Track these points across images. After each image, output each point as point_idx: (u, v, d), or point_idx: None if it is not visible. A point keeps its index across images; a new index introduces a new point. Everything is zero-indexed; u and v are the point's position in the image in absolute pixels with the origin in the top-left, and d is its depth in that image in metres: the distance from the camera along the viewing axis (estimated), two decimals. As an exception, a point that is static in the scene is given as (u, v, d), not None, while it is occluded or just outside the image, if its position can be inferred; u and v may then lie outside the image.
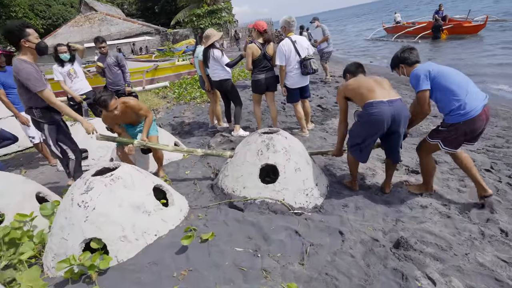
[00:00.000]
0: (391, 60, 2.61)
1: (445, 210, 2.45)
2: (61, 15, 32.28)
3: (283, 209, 2.46)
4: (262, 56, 3.99)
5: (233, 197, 2.62)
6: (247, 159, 2.65)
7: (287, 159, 2.58)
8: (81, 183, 2.14)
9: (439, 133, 2.39)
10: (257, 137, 2.74)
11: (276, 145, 2.62)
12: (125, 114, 3.03)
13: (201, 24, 24.06)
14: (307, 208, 2.51)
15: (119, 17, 26.56)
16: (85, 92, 4.68)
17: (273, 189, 2.52)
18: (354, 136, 2.58)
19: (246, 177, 2.60)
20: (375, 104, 2.32)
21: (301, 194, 2.54)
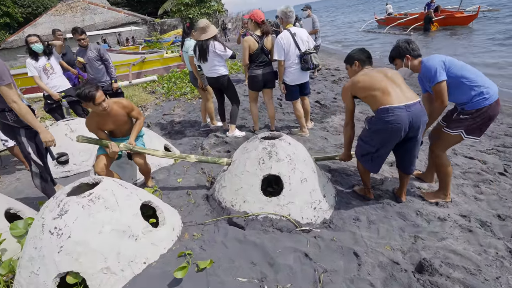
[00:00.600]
0: (393, 50, 2.40)
1: (465, 223, 2.24)
2: (41, 3, 30.58)
3: (289, 226, 2.19)
4: (259, 50, 3.66)
5: (232, 212, 2.33)
6: (247, 169, 2.36)
7: (292, 168, 2.30)
8: (53, 204, 1.81)
9: (461, 121, 2.24)
10: (258, 144, 2.44)
11: (279, 153, 2.33)
12: (116, 117, 2.67)
13: (189, 14, 23.25)
14: (315, 224, 2.26)
15: (104, 6, 25.31)
16: (63, 89, 4.25)
17: (277, 203, 2.23)
18: (365, 144, 2.30)
19: (246, 190, 2.31)
20: (391, 110, 2.04)
21: (308, 208, 2.27)
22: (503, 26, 12.02)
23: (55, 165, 3.77)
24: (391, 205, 2.47)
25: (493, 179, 2.81)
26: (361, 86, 2.22)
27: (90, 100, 2.39)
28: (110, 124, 2.69)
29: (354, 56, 2.42)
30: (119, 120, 2.72)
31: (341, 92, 2.42)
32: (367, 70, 2.32)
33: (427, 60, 2.25)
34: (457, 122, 2.27)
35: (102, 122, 2.65)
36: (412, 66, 2.35)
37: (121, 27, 21.57)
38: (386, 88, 2.11)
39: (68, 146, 3.80)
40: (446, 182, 2.43)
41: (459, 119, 2.26)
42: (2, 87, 2.17)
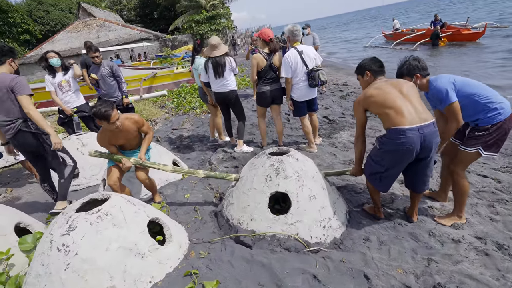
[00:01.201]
0: (402, 67, 2.36)
1: (481, 245, 2.15)
2: (59, 20, 32.06)
3: (298, 245, 2.15)
4: (268, 67, 3.72)
5: (239, 230, 2.30)
6: (254, 186, 2.34)
7: (300, 185, 2.27)
8: (62, 221, 1.82)
9: (477, 138, 2.20)
10: (265, 160, 2.43)
11: (287, 169, 2.31)
12: (127, 132, 2.72)
13: (200, 30, 23.97)
14: (324, 243, 2.20)
15: (118, 23, 26.35)
16: (77, 105, 4.38)
17: (285, 221, 2.20)
18: (374, 164, 2.25)
19: (254, 207, 2.29)
20: (403, 132, 1.97)
21: (317, 226, 2.22)
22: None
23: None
24: (402, 225, 2.40)
25: (508, 199, 2.71)
26: (374, 101, 2.13)
27: (105, 119, 2.46)
28: (121, 139, 2.76)
29: (365, 66, 2.33)
30: (130, 135, 2.78)
31: (353, 105, 2.34)
32: (380, 83, 2.21)
33: (435, 80, 2.22)
34: (473, 139, 2.21)
35: (113, 138, 2.71)
36: (421, 85, 2.33)
37: (134, 43, 22.31)
38: (400, 107, 2.02)
39: (79, 160, 3.85)
40: (463, 202, 2.36)
41: (475, 136, 2.21)
42: (24, 96, 2.61)
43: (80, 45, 23.50)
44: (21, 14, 26.49)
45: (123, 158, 2.70)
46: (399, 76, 2.41)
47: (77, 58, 22.60)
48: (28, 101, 2.64)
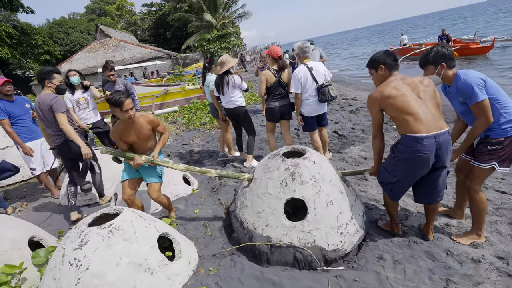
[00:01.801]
0: (429, 54, 2.16)
1: (503, 266, 2.05)
2: (78, 41, 33.79)
3: (313, 259, 2.08)
4: (277, 83, 3.78)
5: (254, 235, 2.25)
6: (269, 191, 2.26)
7: (317, 191, 2.18)
8: (75, 235, 1.85)
9: (491, 153, 2.12)
10: (280, 163, 2.33)
11: (303, 174, 2.21)
12: (139, 129, 2.68)
13: (210, 48, 24.70)
14: (341, 250, 2.12)
15: (132, 43, 27.51)
16: (92, 122, 4.54)
17: (301, 229, 2.12)
18: (388, 174, 2.21)
19: (269, 213, 2.22)
20: (420, 139, 1.94)
21: (334, 233, 2.14)
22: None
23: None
24: (418, 243, 2.31)
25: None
26: (392, 103, 2.02)
27: (118, 106, 2.47)
28: (133, 135, 2.68)
29: (379, 60, 2.17)
30: (142, 133, 2.71)
31: (367, 102, 2.20)
32: (397, 82, 2.09)
33: (465, 74, 2.08)
34: (487, 155, 2.14)
35: (125, 132, 2.65)
36: (445, 76, 2.16)
37: (147, 62, 23.16)
38: (419, 114, 1.96)
39: (92, 175, 3.96)
40: (481, 220, 2.27)
41: (488, 150, 2.13)
42: (59, 114, 3.05)
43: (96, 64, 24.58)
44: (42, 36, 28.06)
45: (134, 156, 2.66)
46: (423, 64, 2.23)
47: (93, 76, 23.59)
48: (62, 118, 3.06)
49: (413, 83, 2.09)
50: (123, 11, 46.42)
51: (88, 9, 48.20)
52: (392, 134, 4.96)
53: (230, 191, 3.51)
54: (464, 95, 2.08)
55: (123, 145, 2.73)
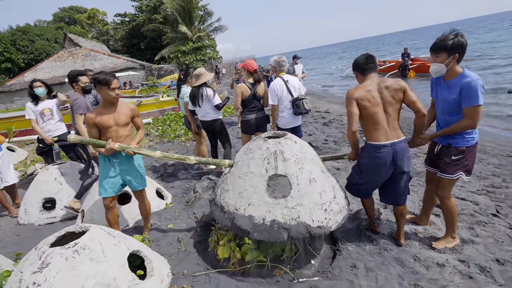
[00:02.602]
0: (447, 40, 2.07)
1: (465, 269, 2.18)
2: (44, 50, 32.07)
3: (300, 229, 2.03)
4: (252, 96, 3.84)
5: (236, 216, 2.15)
6: (251, 170, 2.23)
7: (300, 168, 2.19)
8: (34, 257, 1.71)
9: (457, 163, 2.22)
10: (261, 143, 2.33)
11: (286, 152, 2.23)
12: (119, 114, 2.57)
13: (186, 60, 24.58)
14: (326, 227, 2.08)
15: (104, 52, 26.65)
16: (58, 134, 4.29)
17: (285, 205, 2.08)
18: (355, 175, 2.45)
19: (251, 192, 2.16)
20: (379, 147, 2.20)
21: (318, 209, 2.12)
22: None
23: (40, 210, 3.63)
24: (388, 250, 2.41)
25: (487, 221, 2.80)
26: (366, 108, 2.20)
27: (105, 84, 2.42)
28: (112, 119, 2.53)
29: (354, 65, 2.42)
30: (121, 119, 2.58)
31: (346, 98, 2.31)
32: (371, 86, 2.23)
33: (473, 75, 2.06)
34: (453, 166, 2.23)
35: (104, 115, 2.50)
36: (452, 69, 2.13)
37: (120, 72, 22.49)
38: (381, 125, 2.20)
39: (57, 190, 3.71)
40: (454, 223, 2.41)
41: (452, 161, 2.23)
42: (76, 115, 3.45)
43: (63, 73, 23.42)
44: (3, 43, 26.36)
45: (107, 142, 2.45)
46: (438, 49, 2.13)
47: (60, 86, 22.42)
48: (78, 118, 3.45)
49: (382, 91, 2.22)
50: (95, 20, 45.06)
51: (56, 17, 46.17)
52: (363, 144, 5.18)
53: (206, 204, 3.45)
54: (464, 94, 2.05)
55: (95, 132, 2.53)
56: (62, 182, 3.74)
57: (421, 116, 2.26)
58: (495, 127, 6.79)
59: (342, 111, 8.81)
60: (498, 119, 7.37)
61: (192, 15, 26.01)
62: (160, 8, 31.22)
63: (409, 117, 7.43)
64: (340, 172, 4.22)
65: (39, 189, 3.70)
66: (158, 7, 32.32)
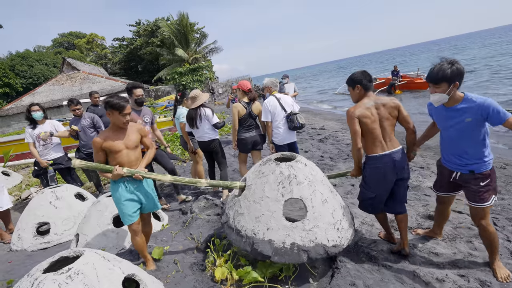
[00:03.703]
0: (444, 70, 2.02)
1: (465, 283, 2.16)
2: (42, 74, 32.54)
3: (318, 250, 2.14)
4: (247, 115, 3.92)
5: (255, 241, 2.20)
6: (266, 194, 2.29)
7: (313, 191, 2.29)
8: (27, 284, 1.67)
9: (488, 188, 2.12)
10: (274, 167, 2.38)
11: (298, 176, 2.31)
12: (129, 136, 2.49)
13: (182, 81, 25.00)
14: (340, 245, 2.20)
15: (102, 75, 27.09)
16: (54, 157, 4.30)
17: (303, 228, 2.18)
18: (365, 190, 2.52)
19: (269, 216, 2.23)
20: (379, 157, 2.33)
21: (332, 229, 2.23)
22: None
23: (33, 235, 3.57)
24: (387, 267, 2.38)
25: (484, 234, 2.80)
26: (366, 123, 2.31)
27: (118, 109, 2.35)
28: (121, 143, 2.43)
29: (356, 80, 2.38)
30: (131, 142, 2.49)
31: (347, 117, 2.40)
32: (369, 104, 2.33)
33: (479, 97, 2.04)
34: (484, 193, 2.12)
35: (114, 139, 2.41)
36: (454, 95, 2.10)
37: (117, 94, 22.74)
38: (380, 140, 2.34)
39: (51, 214, 3.67)
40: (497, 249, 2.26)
41: (482, 187, 2.12)
42: None
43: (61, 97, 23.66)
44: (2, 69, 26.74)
45: (114, 167, 2.37)
46: (438, 80, 2.06)
47: (57, 109, 22.58)
48: None
49: (380, 109, 2.34)
50: (93, 44, 46.17)
51: (55, 42, 47.29)
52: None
53: (203, 225, 3.42)
54: (492, 114, 1.98)
55: (102, 157, 2.42)
56: (57, 206, 3.70)
57: (412, 133, 2.42)
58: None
59: (337, 127, 8.93)
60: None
61: (189, 38, 26.76)
62: (157, 32, 32.15)
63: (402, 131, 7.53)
64: (337, 188, 4.23)
65: (33, 213, 3.65)
66: (155, 31, 33.32)
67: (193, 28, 27.99)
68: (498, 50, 29.78)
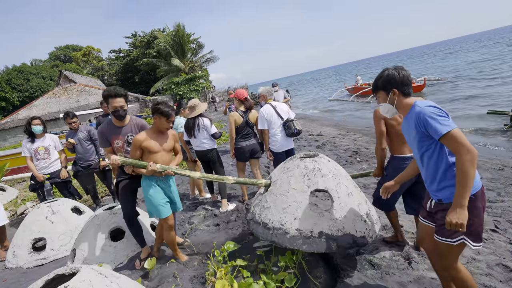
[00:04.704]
0: (379, 79, 1.89)
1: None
2: (39, 87, 32.56)
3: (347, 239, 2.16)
4: (244, 123, 3.92)
5: (282, 231, 2.24)
6: (292, 186, 2.36)
7: (338, 183, 2.37)
8: (22, 304, 1.62)
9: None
10: (299, 162, 2.50)
11: (323, 169, 2.41)
12: (167, 140, 2.76)
13: (179, 91, 25.10)
14: (368, 237, 2.23)
15: (98, 87, 27.16)
16: (50, 172, 4.25)
17: (330, 217, 2.21)
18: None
19: (296, 207, 2.28)
20: (405, 159, 2.43)
21: (359, 220, 2.27)
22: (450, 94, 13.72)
23: (29, 252, 3.50)
24: (390, 274, 2.34)
25: (487, 237, 2.78)
26: (391, 125, 2.44)
27: (166, 116, 2.61)
28: (158, 146, 2.68)
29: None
30: (168, 145, 2.76)
31: (374, 116, 2.51)
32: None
33: (419, 105, 1.63)
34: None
35: (155, 140, 2.66)
36: (399, 104, 1.82)
37: (114, 106, 22.74)
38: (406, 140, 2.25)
39: (47, 229, 3.60)
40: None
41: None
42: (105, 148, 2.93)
43: (58, 109, 23.65)
44: (-1, 83, 26.78)
45: (149, 163, 2.56)
46: (374, 90, 1.96)
47: (54, 122, 22.52)
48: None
49: None
50: (90, 57, 46.41)
51: (52, 55, 47.52)
52: (357, 166, 5.21)
53: (202, 235, 3.37)
54: (428, 127, 1.57)
55: (138, 154, 2.64)
56: (54, 221, 3.64)
57: None
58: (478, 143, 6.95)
59: (335, 133, 8.95)
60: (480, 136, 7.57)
61: (185, 48, 26.98)
62: (154, 43, 32.42)
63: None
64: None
65: (29, 229, 3.59)
66: (151, 42, 33.56)
67: (189, 39, 28.25)
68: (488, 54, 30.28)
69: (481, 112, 9.32)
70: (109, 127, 2.83)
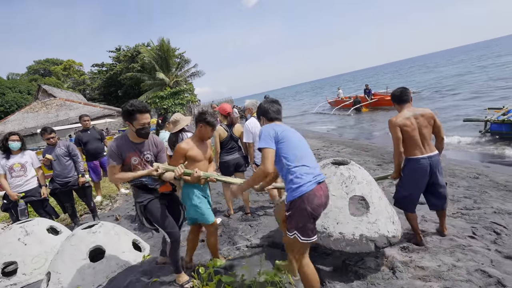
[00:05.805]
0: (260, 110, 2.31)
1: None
2: (15, 102, 31.26)
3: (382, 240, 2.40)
4: (229, 137, 3.92)
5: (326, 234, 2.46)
6: (332, 193, 2.54)
7: (371, 189, 2.61)
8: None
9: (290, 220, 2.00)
10: (335, 169, 2.71)
11: (357, 176, 2.64)
12: (207, 150, 2.84)
13: (164, 105, 24.88)
14: (397, 236, 2.50)
15: (80, 102, 26.48)
16: (26, 190, 4.05)
17: (368, 221, 2.45)
18: (400, 189, 2.91)
19: (337, 212, 2.50)
20: (417, 160, 2.73)
21: (389, 222, 2.52)
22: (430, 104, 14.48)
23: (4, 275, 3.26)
24: (375, 284, 2.36)
25: (465, 244, 2.86)
26: (406, 131, 2.75)
27: (212, 126, 2.72)
28: (201, 154, 2.75)
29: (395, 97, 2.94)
30: (207, 154, 2.85)
31: (389, 125, 2.83)
32: (408, 114, 2.80)
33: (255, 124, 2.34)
34: (288, 222, 1.98)
35: (198, 149, 2.73)
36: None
37: (96, 120, 22.22)
38: (419, 144, 2.76)
39: (19, 252, 3.38)
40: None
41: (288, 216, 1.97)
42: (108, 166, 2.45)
43: (36, 125, 22.79)
44: (-29, 98, 25.51)
45: (194, 170, 2.57)
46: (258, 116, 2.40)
47: (31, 138, 21.61)
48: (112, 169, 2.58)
49: (417, 117, 2.78)
50: (70, 71, 45.41)
51: (30, 69, 46.09)
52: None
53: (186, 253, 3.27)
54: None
55: (179, 162, 2.63)
56: (27, 242, 3.43)
57: (441, 140, 2.90)
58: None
59: (319, 145, 9.10)
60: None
61: (169, 63, 26.99)
62: (138, 57, 32.25)
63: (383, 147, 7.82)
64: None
65: None
66: (135, 57, 33.38)
67: (174, 53, 28.34)
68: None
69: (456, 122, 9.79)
70: (125, 142, 2.50)
